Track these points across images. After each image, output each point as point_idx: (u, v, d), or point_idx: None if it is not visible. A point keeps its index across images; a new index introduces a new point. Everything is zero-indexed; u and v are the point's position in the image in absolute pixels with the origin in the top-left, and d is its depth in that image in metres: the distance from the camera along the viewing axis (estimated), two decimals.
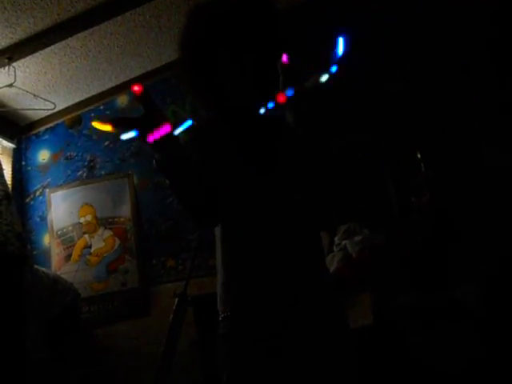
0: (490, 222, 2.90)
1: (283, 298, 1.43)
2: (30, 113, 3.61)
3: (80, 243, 3.59)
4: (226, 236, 1.49)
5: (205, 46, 1.47)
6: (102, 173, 3.72)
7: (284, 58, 1.30)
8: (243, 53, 1.44)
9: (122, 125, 1.15)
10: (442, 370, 2.49)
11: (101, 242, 3.57)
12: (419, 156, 3.17)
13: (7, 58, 2.94)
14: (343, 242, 3.06)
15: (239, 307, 1.46)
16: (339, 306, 1.53)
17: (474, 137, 3.13)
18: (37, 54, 3.04)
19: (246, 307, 1.46)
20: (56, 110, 3.59)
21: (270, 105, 1.24)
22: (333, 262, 3.00)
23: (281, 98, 1.24)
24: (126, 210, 3.60)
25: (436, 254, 2.84)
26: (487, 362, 2.44)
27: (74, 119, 3.82)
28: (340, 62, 1.21)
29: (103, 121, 1.11)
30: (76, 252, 3.58)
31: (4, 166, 2.99)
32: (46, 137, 3.83)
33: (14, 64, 3.01)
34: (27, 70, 3.16)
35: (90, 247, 3.57)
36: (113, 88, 3.74)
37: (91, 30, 3.01)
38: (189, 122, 1.19)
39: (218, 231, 1.53)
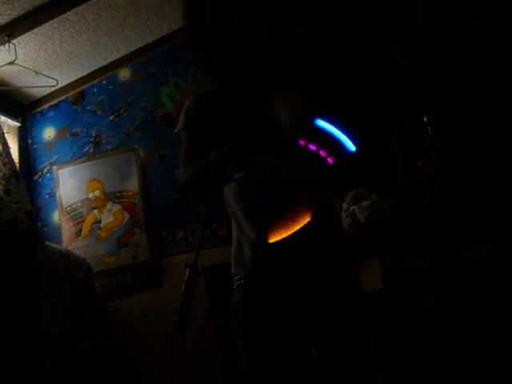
0: (499, 183, 2.88)
1: (296, 261, 1.44)
2: (33, 90, 3.60)
3: (89, 218, 3.61)
4: (238, 199, 1.51)
5: (215, 9, 1.42)
6: (108, 148, 3.72)
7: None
8: (256, 16, 1.41)
9: None
10: (451, 333, 2.51)
11: (110, 216, 3.59)
12: (425, 119, 3.14)
13: (7, 35, 2.91)
14: (351, 208, 3.05)
15: (252, 270, 1.48)
16: (353, 267, 1.55)
17: (478, 97, 3.08)
18: (36, 30, 3.01)
19: (258, 271, 1.47)
20: (59, 86, 3.57)
21: None
22: None
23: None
24: (133, 184, 3.61)
25: (445, 217, 2.84)
26: (497, 324, 2.46)
27: (78, 95, 3.80)
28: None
29: None
30: (86, 227, 3.60)
31: (10, 145, 2.99)
32: (51, 114, 3.82)
33: (14, 41, 2.98)
34: (27, 47, 3.14)
35: (100, 222, 3.60)
36: (114, 61, 3.71)
37: (90, 2, 2.97)
38: None
39: (230, 196, 1.54)
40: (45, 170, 3.75)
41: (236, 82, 1.53)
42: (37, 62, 3.31)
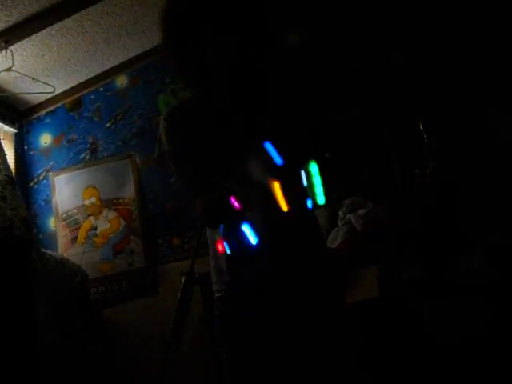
0: (495, 190, 2.89)
1: (278, 274, 1.43)
2: (29, 97, 3.60)
3: (85, 225, 3.61)
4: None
5: (187, 20, 1.43)
6: (105, 154, 3.71)
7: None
8: (226, 26, 1.41)
9: None
10: (448, 341, 2.51)
11: (106, 223, 3.59)
12: (422, 127, 3.15)
13: (4, 42, 2.91)
14: (347, 216, 3.06)
15: (233, 286, 1.48)
16: (335, 279, 1.54)
17: (477, 107, 3.10)
18: (34, 37, 3.01)
19: (239, 286, 1.47)
20: (55, 93, 3.57)
21: None
22: (337, 237, 3.01)
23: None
24: (129, 191, 3.61)
25: (441, 225, 2.84)
26: (495, 332, 2.46)
27: (74, 102, 3.81)
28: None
29: None
30: (82, 234, 3.60)
31: (6, 151, 2.97)
32: (47, 120, 3.82)
33: (12, 48, 2.98)
34: (25, 54, 3.13)
35: (96, 229, 3.59)
36: (111, 68, 3.71)
37: (87, 9, 2.97)
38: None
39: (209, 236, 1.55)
40: (41, 177, 3.74)
41: (213, 93, 1.51)
42: (34, 69, 3.31)
